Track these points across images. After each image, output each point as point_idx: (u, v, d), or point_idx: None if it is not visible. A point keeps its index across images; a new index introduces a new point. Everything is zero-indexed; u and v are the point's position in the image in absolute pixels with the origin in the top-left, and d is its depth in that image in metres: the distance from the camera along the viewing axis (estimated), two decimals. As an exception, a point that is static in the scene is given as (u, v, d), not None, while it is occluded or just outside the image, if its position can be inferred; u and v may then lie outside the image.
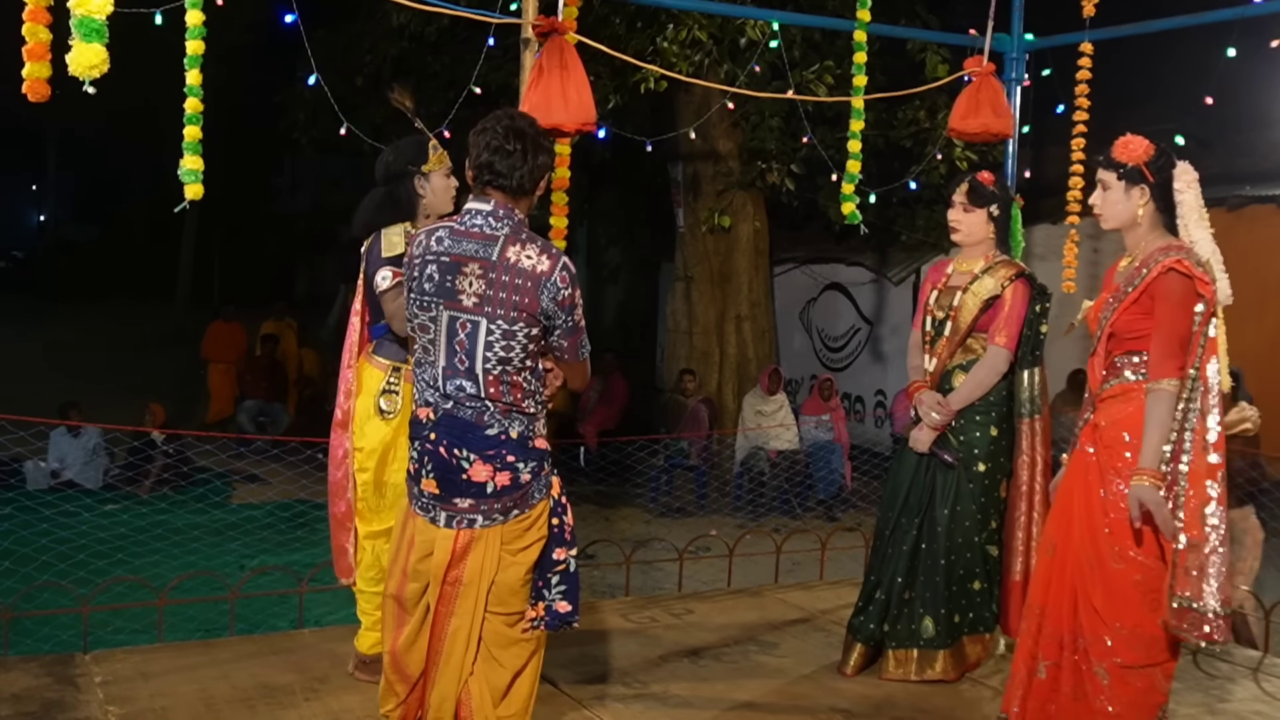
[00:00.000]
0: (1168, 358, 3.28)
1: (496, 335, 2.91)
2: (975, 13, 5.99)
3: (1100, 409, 3.49)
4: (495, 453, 2.94)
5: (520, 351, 2.93)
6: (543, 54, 4.72)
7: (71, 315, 23.82)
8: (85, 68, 3.67)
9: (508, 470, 2.95)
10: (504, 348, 2.91)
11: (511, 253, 2.91)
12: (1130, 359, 3.40)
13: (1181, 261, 3.31)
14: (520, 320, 2.90)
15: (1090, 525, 3.42)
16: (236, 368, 12.88)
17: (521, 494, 2.98)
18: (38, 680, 4.17)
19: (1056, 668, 3.50)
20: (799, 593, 5.78)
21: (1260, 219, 10.75)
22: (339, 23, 11.96)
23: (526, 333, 2.92)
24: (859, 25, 5.81)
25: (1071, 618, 3.46)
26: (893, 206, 11.08)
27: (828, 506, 9.84)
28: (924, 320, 4.48)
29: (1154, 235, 3.43)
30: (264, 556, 7.06)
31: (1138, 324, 3.36)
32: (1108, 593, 3.36)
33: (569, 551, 3.10)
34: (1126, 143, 3.44)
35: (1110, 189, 3.43)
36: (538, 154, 2.97)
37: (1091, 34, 5.82)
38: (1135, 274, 3.38)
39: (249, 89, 20.29)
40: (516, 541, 3.00)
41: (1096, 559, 3.39)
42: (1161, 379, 3.28)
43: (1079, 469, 3.52)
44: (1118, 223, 3.46)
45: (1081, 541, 3.44)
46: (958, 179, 4.48)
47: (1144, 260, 3.39)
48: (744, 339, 11.75)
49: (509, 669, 3.06)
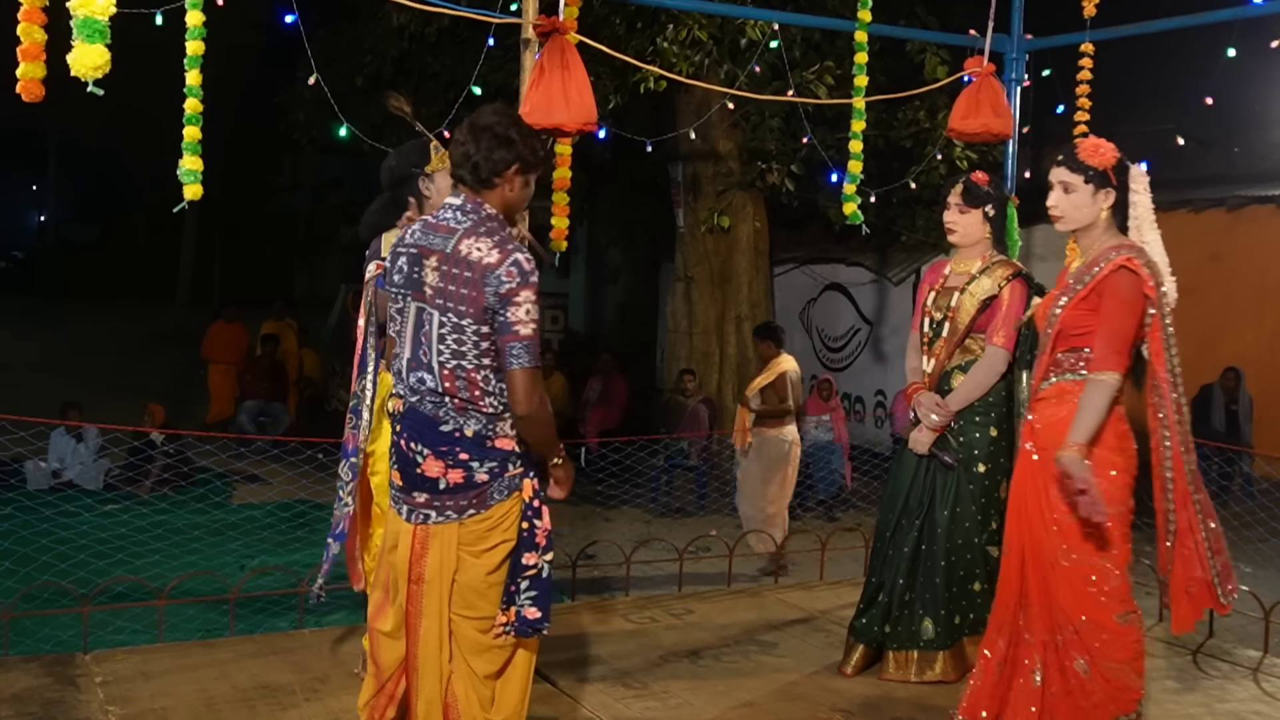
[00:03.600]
0: (1111, 353, 3.32)
1: (448, 329, 2.89)
2: (975, 13, 6.00)
3: (1037, 409, 3.53)
4: (448, 449, 2.92)
5: (473, 348, 2.88)
6: (544, 54, 4.72)
7: (72, 315, 23.84)
8: (88, 68, 3.68)
9: (460, 468, 2.92)
10: (456, 341, 2.89)
11: (465, 245, 2.88)
12: (1072, 356, 3.44)
13: (1133, 260, 3.35)
14: (469, 315, 2.87)
15: (1044, 523, 3.47)
16: (237, 368, 12.88)
17: (477, 494, 2.93)
18: (38, 680, 4.17)
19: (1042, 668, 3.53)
20: (799, 593, 5.79)
21: (1260, 219, 10.77)
22: (339, 23, 11.96)
23: (476, 329, 2.87)
24: (859, 26, 5.82)
25: (1047, 617, 3.49)
26: (893, 207, 11.08)
27: (828, 507, 9.83)
28: (922, 321, 4.48)
29: (1107, 236, 3.47)
30: (264, 556, 7.06)
31: (1084, 320, 3.40)
32: (1070, 588, 3.41)
33: (541, 557, 3.03)
34: (1096, 146, 3.47)
35: (1076, 191, 3.44)
36: (495, 146, 2.93)
37: (1091, 34, 5.82)
38: (1086, 271, 3.41)
39: (249, 89, 20.30)
40: (477, 543, 2.96)
41: (1052, 557, 3.45)
42: (1103, 371, 3.31)
43: (1026, 470, 3.56)
44: (1079, 225, 3.47)
45: (1038, 540, 3.49)
46: (953, 180, 4.49)
47: (1095, 258, 3.41)
48: (744, 339, 11.74)
49: (482, 674, 3.02)
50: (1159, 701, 4.36)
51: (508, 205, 3.02)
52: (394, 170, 4.08)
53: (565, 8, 4.88)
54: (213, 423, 12.31)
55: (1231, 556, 3.54)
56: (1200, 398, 10.35)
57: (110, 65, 3.70)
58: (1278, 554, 7.88)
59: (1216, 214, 11.09)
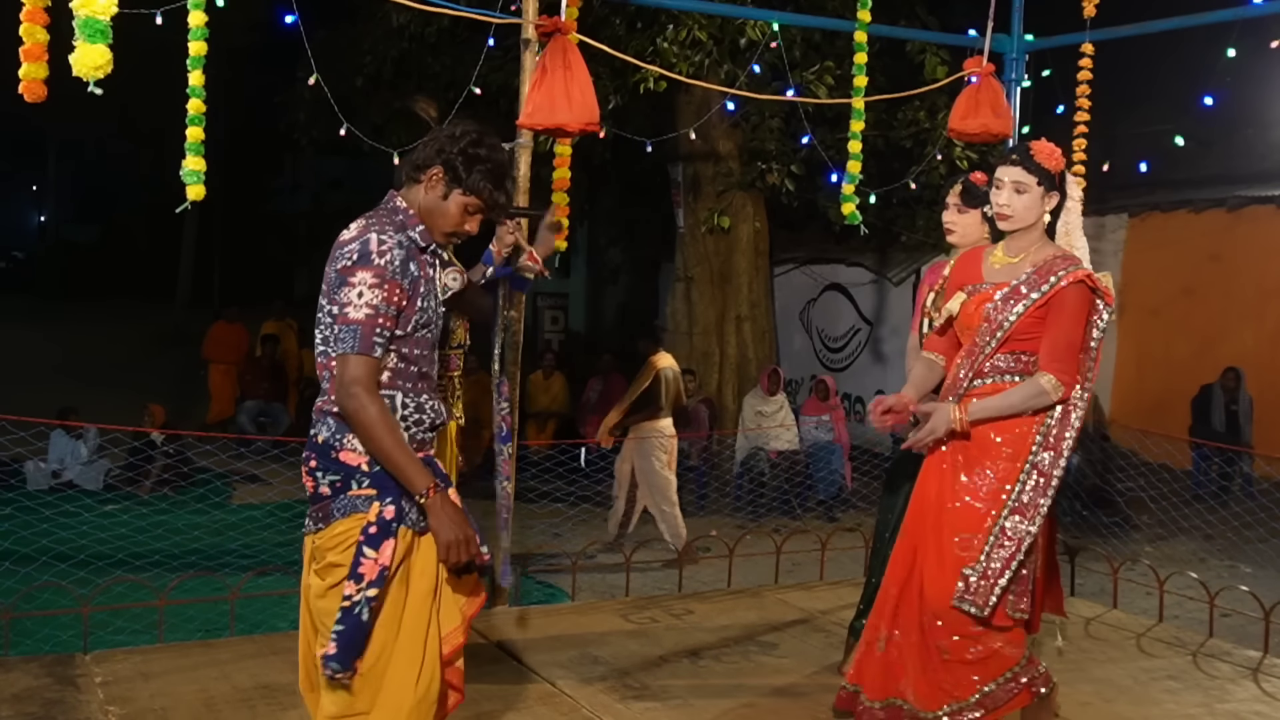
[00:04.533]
0: (1056, 360, 3.36)
1: (322, 313, 2.73)
2: (975, 13, 6.00)
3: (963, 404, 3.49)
4: (308, 454, 2.76)
5: (326, 332, 2.71)
6: (546, 54, 4.73)
7: (72, 316, 23.82)
8: (90, 69, 3.68)
9: (310, 476, 2.76)
10: (322, 326, 2.72)
11: (344, 230, 2.77)
12: (1012, 359, 3.46)
13: (1092, 275, 3.42)
14: (324, 295, 2.72)
15: (940, 507, 3.48)
16: (237, 368, 12.88)
17: (322, 507, 2.73)
18: (38, 680, 4.17)
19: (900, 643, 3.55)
20: (799, 593, 5.78)
21: (1260, 219, 10.76)
22: (339, 24, 11.96)
23: (328, 310, 2.70)
24: (859, 26, 5.82)
25: (917, 600, 3.51)
26: (893, 207, 11.07)
27: (828, 507, 9.83)
28: (922, 322, 4.48)
29: (1042, 240, 3.52)
30: (264, 556, 7.06)
31: (1033, 327, 3.42)
32: (939, 567, 3.42)
33: (360, 590, 2.62)
34: (1051, 150, 3.50)
35: (1028, 192, 3.45)
36: (431, 144, 2.81)
37: (1091, 34, 5.82)
38: (1039, 279, 3.41)
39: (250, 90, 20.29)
40: (317, 559, 2.75)
41: (937, 540, 3.45)
42: (1046, 374, 3.36)
43: (935, 464, 3.55)
44: (1025, 224, 3.48)
45: (929, 527, 3.50)
46: (953, 179, 4.50)
47: (1045, 267, 3.43)
48: (744, 339, 11.75)
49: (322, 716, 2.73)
50: (1159, 702, 4.36)
51: (425, 208, 2.80)
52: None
53: (566, 8, 4.89)
54: (213, 423, 12.31)
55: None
56: (1200, 398, 10.36)
57: (112, 65, 3.71)
58: (1278, 554, 7.88)
59: (1216, 214, 11.10)
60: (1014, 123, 5.85)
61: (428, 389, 2.85)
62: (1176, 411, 10.34)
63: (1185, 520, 8.36)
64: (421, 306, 2.76)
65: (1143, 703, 4.35)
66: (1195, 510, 8.47)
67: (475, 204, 2.81)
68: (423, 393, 2.82)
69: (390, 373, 2.74)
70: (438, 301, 2.86)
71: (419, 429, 2.80)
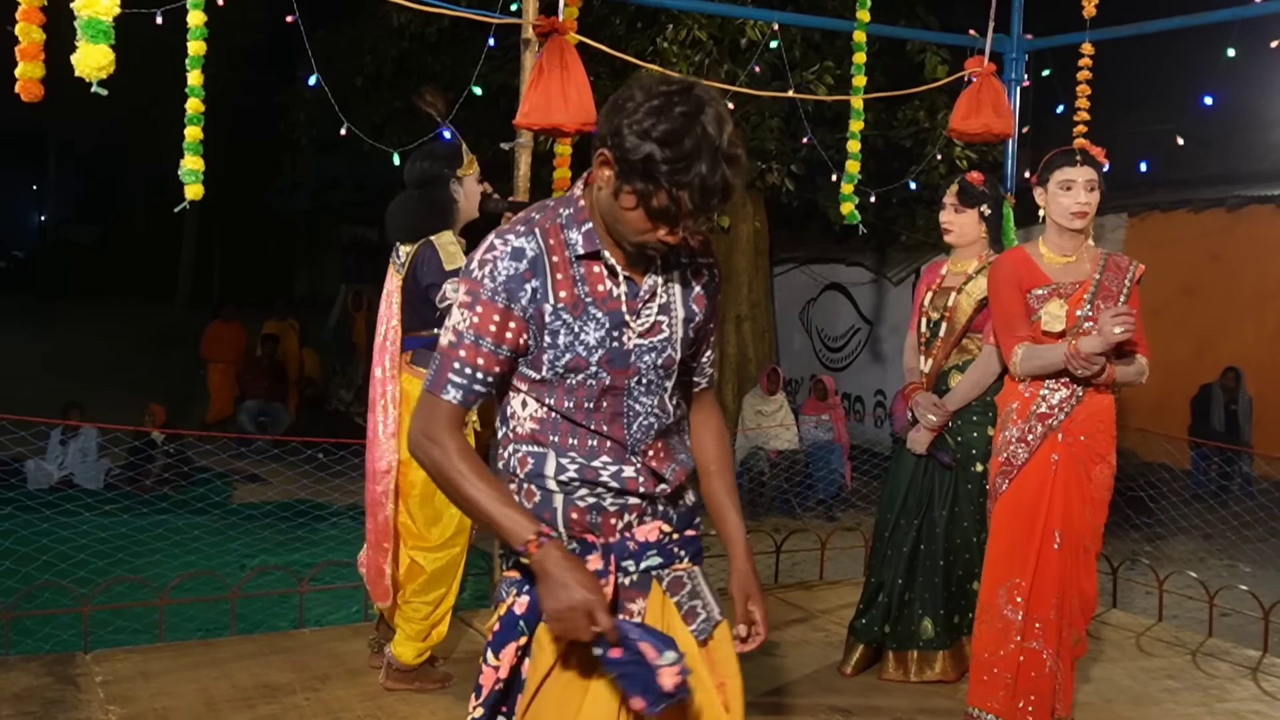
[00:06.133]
0: (1143, 345, 3.72)
1: None
2: (975, 13, 6.00)
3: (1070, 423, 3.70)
4: None
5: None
6: (543, 54, 4.73)
7: (72, 315, 23.81)
8: (92, 69, 3.68)
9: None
10: None
11: None
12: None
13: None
14: None
15: (1083, 508, 3.67)
16: (236, 367, 12.89)
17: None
18: (38, 680, 4.18)
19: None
20: (799, 593, 5.79)
21: (1260, 219, 10.76)
22: (339, 23, 11.96)
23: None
24: (859, 26, 5.82)
25: (1068, 610, 3.73)
26: (892, 206, 11.08)
27: (827, 506, 9.84)
28: (919, 322, 4.49)
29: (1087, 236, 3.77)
30: (264, 556, 7.06)
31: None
32: (1088, 572, 3.72)
33: (469, 713, 2.13)
34: (1100, 149, 3.67)
35: (1098, 189, 3.61)
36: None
37: (1091, 34, 5.82)
38: (1117, 276, 3.62)
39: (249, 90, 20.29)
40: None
41: (1091, 540, 3.69)
42: (1145, 358, 3.72)
43: (1044, 467, 3.66)
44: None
45: (1081, 524, 3.65)
46: (951, 179, 4.51)
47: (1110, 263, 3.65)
48: (744, 339, 11.75)
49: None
50: (1159, 701, 4.37)
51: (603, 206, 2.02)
52: (426, 170, 4.02)
53: (565, 8, 4.89)
54: (213, 422, 12.32)
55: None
56: (1200, 398, 10.36)
57: (114, 66, 3.71)
58: (1277, 553, 7.88)
59: (1216, 214, 11.10)
60: (1014, 123, 5.85)
61: (604, 449, 2.04)
62: (1176, 411, 10.35)
63: (1184, 520, 8.36)
64: (566, 344, 1.98)
65: (1142, 702, 4.35)
66: (1194, 510, 8.47)
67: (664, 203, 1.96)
68: (598, 454, 2.03)
69: (535, 424, 2.04)
70: (613, 330, 2.00)
71: (588, 499, 2.04)
